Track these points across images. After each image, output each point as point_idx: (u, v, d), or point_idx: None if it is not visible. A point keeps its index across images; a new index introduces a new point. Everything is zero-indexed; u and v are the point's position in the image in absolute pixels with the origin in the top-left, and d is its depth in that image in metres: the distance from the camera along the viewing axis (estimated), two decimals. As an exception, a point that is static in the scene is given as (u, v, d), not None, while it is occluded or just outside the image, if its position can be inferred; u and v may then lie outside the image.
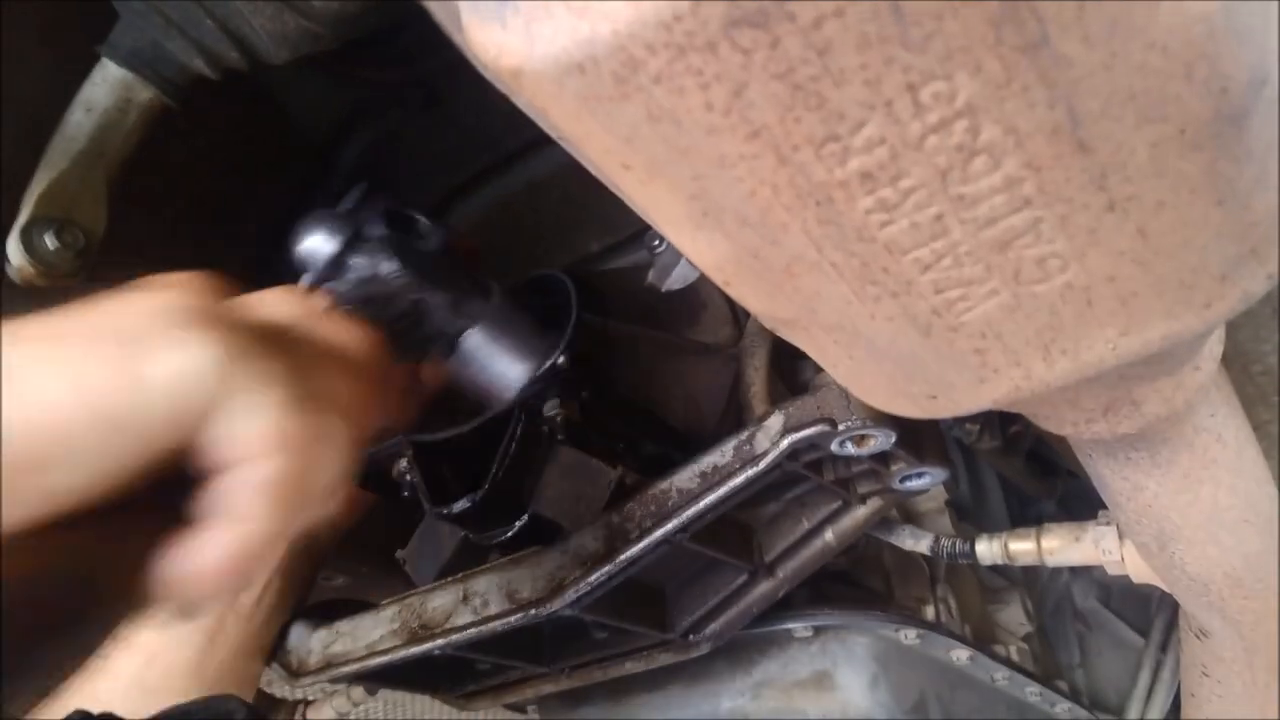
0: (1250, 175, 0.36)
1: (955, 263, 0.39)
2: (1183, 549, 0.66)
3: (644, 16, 0.30)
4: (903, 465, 0.74)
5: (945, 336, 0.42)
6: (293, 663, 0.90)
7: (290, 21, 0.81)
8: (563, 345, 0.87)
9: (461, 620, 0.80)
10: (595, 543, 0.76)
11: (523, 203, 1.16)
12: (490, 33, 0.32)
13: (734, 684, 0.96)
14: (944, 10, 0.29)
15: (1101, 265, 0.38)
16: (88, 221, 0.83)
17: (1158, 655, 1.34)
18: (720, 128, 0.33)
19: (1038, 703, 1.08)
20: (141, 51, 0.82)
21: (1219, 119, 0.33)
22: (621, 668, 0.93)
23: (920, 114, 0.33)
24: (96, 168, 0.83)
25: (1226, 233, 0.37)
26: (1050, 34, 0.30)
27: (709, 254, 0.41)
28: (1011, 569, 1.21)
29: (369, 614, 0.89)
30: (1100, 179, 0.35)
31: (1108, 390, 0.52)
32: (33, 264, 0.80)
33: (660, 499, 0.74)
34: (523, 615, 0.76)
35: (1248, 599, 0.68)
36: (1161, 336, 0.41)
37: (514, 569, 0.80)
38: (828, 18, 0.30)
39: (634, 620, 0.84)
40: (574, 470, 0.83)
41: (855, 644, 0.93)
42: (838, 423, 0.66)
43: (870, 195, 0.36)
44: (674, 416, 0.92)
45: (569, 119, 0.35)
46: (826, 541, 0.83)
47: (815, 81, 0.31)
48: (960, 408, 0.48)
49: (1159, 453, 0.59)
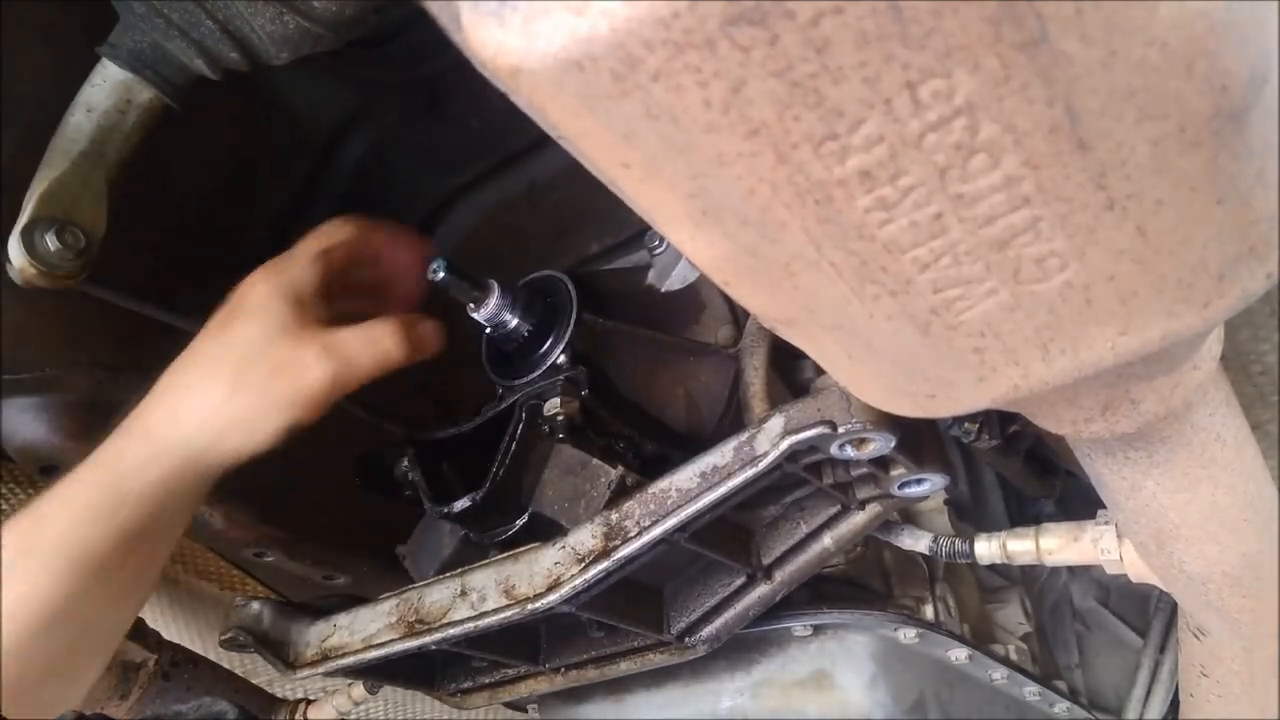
0: (1250, 173, 0.36)
1: (954, 261, 0.39)
2: (1181, 548, 0.66)
3: (642, 14, 0.30)
4: (902, 471, 0.74)
5: (944, 335, 0.43)
6: (289, 655, 0.90)
7: (291, 22, 0.81)
8: (563, 345, 0.87)
9: (458, 615, 0.81)
10: (593, 540, 0.76)
11: (523, 203, 1.16)
12: (489, 31, 0.32)
13: (733, 683, 0.96)
14: (943, 8, 0.29)
15: (1101, 264, 0.38)
16: (88, 222, 0.83)
17: (1156, 655, 1.34)
18: (719, 125, 0.33)
19: (1036, 702, 1.08)
20: (142, 52, 0.82)
21: (1219, 116, 0.33)
22: (617, 668, 0.93)
23: (919, 112, 0.33)
24: (97, 168, 0.83)
25: (1226, 231, 0.37)
26: (1049, 31, 0.30)
27: (708, 253, 0.41)
28: (1010, 568, 1.21)
29: (367, 607, 0.89)
30: (1099, 177, 0.35)
31: (1106, 389, 0.52)
32: (33, 264, 0.80)
33: (660, 498, 0.74)
34: (519, 610, 0.76)
35: (1246, 598, 0.68)
36: (1160, 335, 0.41)
37: (512, 565, 0.80)
38: (826, 15, 0.30)
39: (631, 620, 0.84)
40: (574, 469, 0.83)
41: (854, 643, 0.93)
42: (838, 425, 0.66)
43: (869, 194, 0.36)
44: (674, 416, 0.92)
45: (567, 117, 0.35)
46: (825, 546, 0.83)
47: (814, 79, 0.31)
48: (959, 406, 0.48)
49: (1157, 452, 0.59)
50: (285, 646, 0.91)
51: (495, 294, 0.86)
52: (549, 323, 0.89)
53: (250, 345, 0.75)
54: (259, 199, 1.15)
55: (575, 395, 0.85)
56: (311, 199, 1.19)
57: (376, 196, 1.17)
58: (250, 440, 0.75)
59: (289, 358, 0.74)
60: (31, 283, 0.81)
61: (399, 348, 0.78)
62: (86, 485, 0.73)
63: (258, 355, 0.75)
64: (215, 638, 0.98)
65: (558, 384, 0.85)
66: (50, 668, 0.74)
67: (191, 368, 0.77)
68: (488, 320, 0.87)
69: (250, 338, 0.76)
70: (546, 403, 0.85)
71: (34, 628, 0.70)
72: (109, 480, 0.73)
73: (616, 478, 0.79)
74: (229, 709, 0.88)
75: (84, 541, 0.71)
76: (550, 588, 0.76)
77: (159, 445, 0.74)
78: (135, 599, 0.80)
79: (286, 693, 1.22)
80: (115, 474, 0.73)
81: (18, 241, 0.79)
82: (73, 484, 0.73)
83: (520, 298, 0.88)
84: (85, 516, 0.72)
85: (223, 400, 0.74)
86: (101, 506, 0.72)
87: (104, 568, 0.72)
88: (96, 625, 0.76)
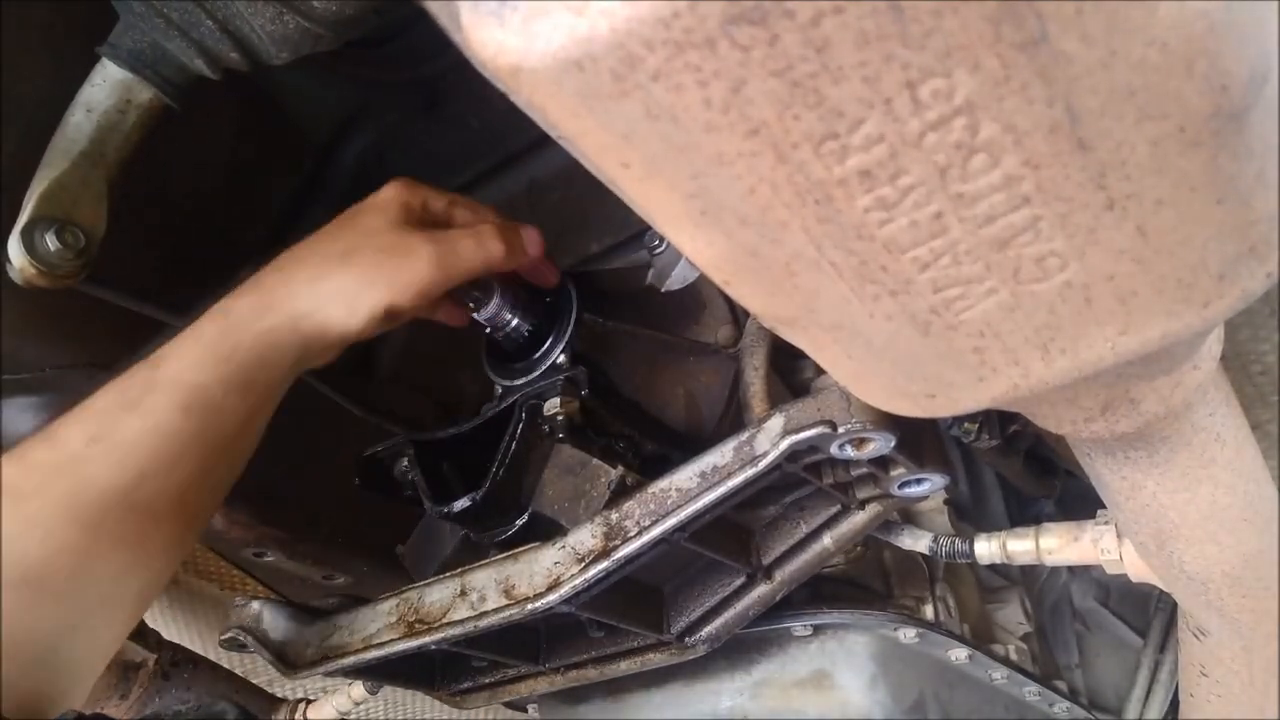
0: (1250, 173, 0.36)
1: (954, 261, 0.39)
2: (1181, 548, 0.66)
3: (642, 14, 0.30)
4: (902, 471, 0.74)
5: (944, 335, 0.43)
6: (289, 655, 0.90)
7: (291, 22, 0.81)
8: (563, 345, 0.87)
9: (458, 615, 0.81)
10: (593, 540, 0.76)
11: (523, 203, 1.16)
12: (489, 31, 0.32)
13: (733, 683, 0.97)
14: (943, 8, 0.29)
15: (1101, 264, 0.38)
16: (88, 221, 0.83)
17: (1156, 655, 1.34)
18: (719, 125, 0.33)
19: (1036, 702, 1.08)
20: (142, 52, 0.82)
21: (1219, 116, 0.33)
22: (617, 668, 0.93)
23: (919, 111, 0.33)
24: (97, 168, 0.83)
25: (1226, 231, 0.37)
26: (1049, 31, 0.30)
27: (708, 252, 0.41)
28: (1010, 568, 1.21)
29: (367, 607, 0.89)
30: (1099, 177, 0.35)
31: (1106, 389, 0.52)
32: (33, 264, 0.80)
33: (660, 498, 0.75)
34: (519, 610, 0.76)
35: (1246, 598, 0.68)
36: (1160, 335, 0.41)
37: (512, 564, 0.80)
38: (826, 15, 0.30)
39: (630, 620, 0.84)
40: (574, 469, 0.83)
41: (854, 643, 0.93)
42: (838, 425, 0.66)
43: (869, 193, 0.36)
44: (674, 416, 0.92)
45: (567, 117, 0.35)
46: (825, 546, 0.83)
47: (814, 79, 0.31)
48: (959, 406, 0.48)
49: (1157, 451, 0.59)
50: (285, 646, 0.91)
51: (495, 294, 0.86)
52: (549, 323, 0.89)
53: (367, 229, 0.80)
54: (259, 199, 1.16)
55: (575, 395, 0.85)
56: (311, 199, 1.19)
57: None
58: (350, 316, 0.78)
59: (399, 242, 0.79)
60: (31, 283, 0.81)
61: (500, 250, 0.81)
62: (204, 331, 0.77)
63: (372, 236, 0.80)
64: (215, 638, 0.98)
65: (558, 384, 0.85)
66: (182, 501, 0.77)
67: (312, 242, 0.82)
68: (488, 320, 0.87)
69: (368, 224, 0.81)
70: (546, 403, 0.85)
71: (160, 461, 0.74)
72: (224, 328, 0.77)
73: (616, 478, 0.79)
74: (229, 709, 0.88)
75: (199, 382, 0.75)
76: (550, 588, 0.76)
77: (270, 299, 0.78)
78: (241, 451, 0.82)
79: (286, 693, 1.22)
80: (229, 322, 0.77)
81: (18, 241, 0.80)
82: (193, 331, 0.77)
83: (520, 298, 0.88)
84: (203, 358, 0.76)
85: (332, 269, 0.78)
86: (217, 350, 0.76)
87: (217, 411, 0.76)
88: (211, 471, 0.79)
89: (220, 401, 0.75)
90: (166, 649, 1.15)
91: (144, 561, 0.76)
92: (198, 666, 1.17)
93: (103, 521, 0.71)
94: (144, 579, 0.77)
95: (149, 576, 0.78)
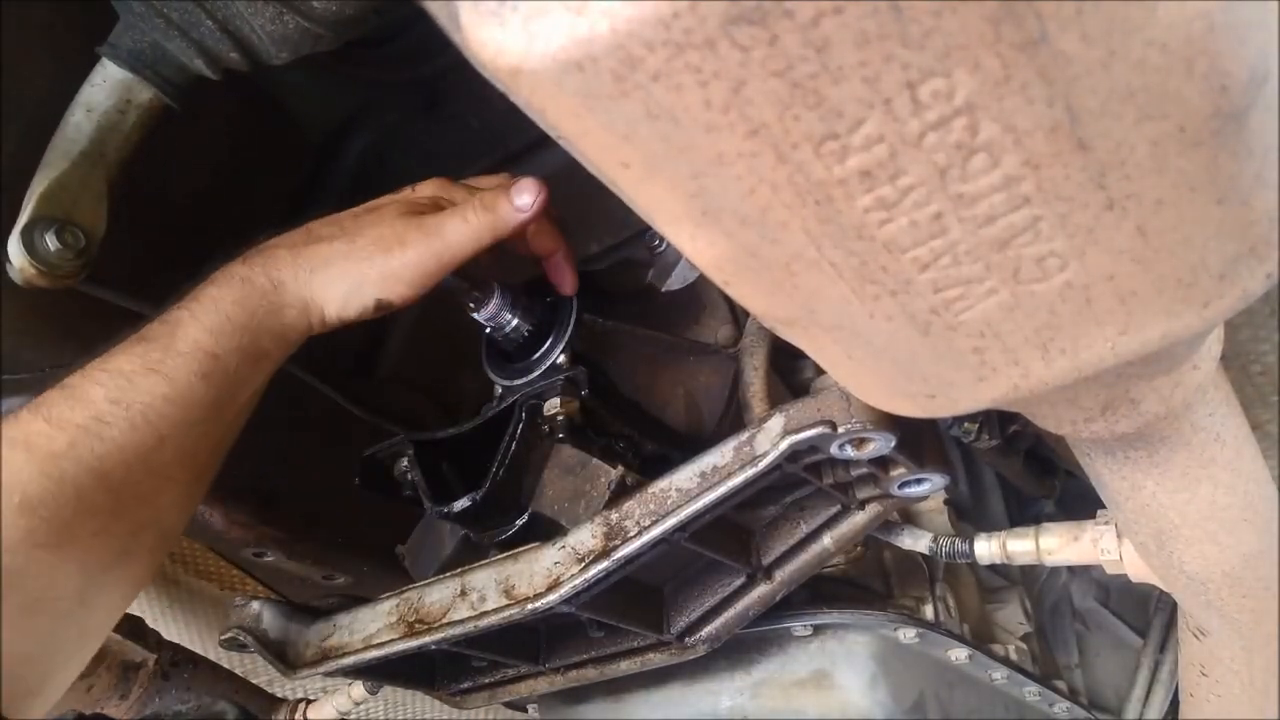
0: (1250, 173, 0.36)
1: (954, 261, 0.39)
2: (1181, 548, 0.66)
3: (642, 14, 0.30)
4: (902, 471, 0.74)
5: (944, 335, 0.43)
6: (289, 655, 0.90)
7: (291, 22, 0.81)
8: (563, 345, 0.87)
9: (458, 615, 0.81)
10: (593, 540, 0.76)
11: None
12: (489, 31, 0.32)
13: (733, 682, 0.96)
14: (943, 8, 0.29)
15: (1100, 264, 0.38)
16: (88, 221, 0.83)
17: (1156, 655, 1.34)
18: (719, 125, 0.33)
19: (1036, 702, 1.08)
20: (141, 52, 0.82)
21: (1219, 116, 0.33)
22: (617, 667, 0.93)
23: (919, 112, 0.33)
24: (97, 168, 0.83)
25: (1226, 231, 0.37)
26: (1049, 31, 0.30)
27: (708, 253, 0.41)
28: (1010, 568, 1.21)
29: (367, 607, 0.89)
30: (1099, 177, 0.35)
31: (1106, 389, 0.52)
32: (33, 264, 0.80)
33: (660, 498, 0.75)
34: (519, 610, 0.76)
35: (1246, 598, 0.68)
36: (1160, 335, 0.41)
37: (512, 564, 0.80)
38: (826, 15, 0.30)
39: (630, 620, 0.84)
40: (574, 469, 0.83)
41: (854, 643, 0.93)
42: (838, 425, 0.66)
43: (869, 193, 0.36)
44: (674, 416, 0.92)
45: (567, 117, 0.35)
46: (825, 546, 0.83)
47: (814, 79, 0.32)
48: (959, 407, 0.48)
49: (1157, 451, 0.59)
50: (285, 646, 0.91)
51: (495, 294, 0.86)
52: (549, 323, 0.89)
53: (369, 222, 0.83)
54: (259, 199, 1.16)
55: (575, 395, 0.85)
56: (311, 199, 1.19)
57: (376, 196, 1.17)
58: (344, 308, 0.82)
59: (390, 234, 0.81)
60: (31, 283, 0.81)
61: (486, 219, 0.82)
62: (222, 299, 0.79)
63: (370, 228, 0.82)
64: (215, 638, 0.98)
65: (558, 384, 0.85)
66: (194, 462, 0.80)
67: (330, 221, 0.85)
68: (488, 320, 0.88)
69: (372, 218, 0.84)
70: (546, 403, 0.85)
71: (177, 426, 0.76)
72: (241, 299, 0.79)
73: (616, 478, 0.79)
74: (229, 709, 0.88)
75: (218, 350, 0.78)
76: (550, 587, 0.76)
77: (284, 276, 0.81)
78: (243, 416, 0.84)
79: (286, 693, 1.22)
80: (247, 293, 0.80)
81: (18, 241, 0.80)
82: (210, 296, 0.79)
83: (520, 298, 0.88)
84: (222, 327, 0.78)
85: (338, 258, 0.81)
86: (235, 321, 0.78)
87: (232, 379, 0.79)
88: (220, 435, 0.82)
89: (235, 370, 0.79)
90: (166, 649, 1.15)
91: (157, 518, 0.79)
92: (198, 666, 1.17)
93: (124, 483, 0.74)
94: (156, 534, 0.80)
95: (161, 530, 0.81)
